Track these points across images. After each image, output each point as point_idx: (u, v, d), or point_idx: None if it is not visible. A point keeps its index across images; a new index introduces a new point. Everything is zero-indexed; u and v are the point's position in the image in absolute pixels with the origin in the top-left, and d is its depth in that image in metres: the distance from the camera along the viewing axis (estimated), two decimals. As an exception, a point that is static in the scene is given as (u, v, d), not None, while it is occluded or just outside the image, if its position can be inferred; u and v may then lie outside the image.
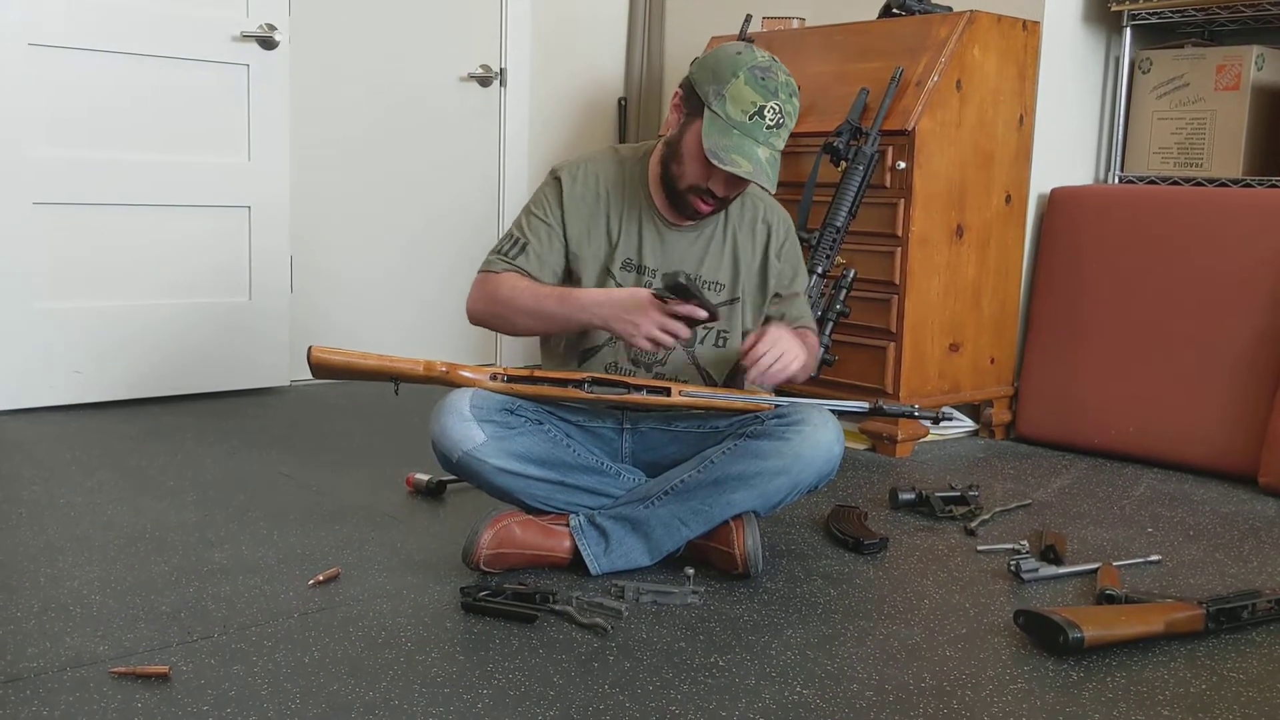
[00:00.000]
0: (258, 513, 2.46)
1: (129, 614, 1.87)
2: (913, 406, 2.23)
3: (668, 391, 2.12)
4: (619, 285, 2.21)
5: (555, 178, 2.25)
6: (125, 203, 3.46)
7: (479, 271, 2.24)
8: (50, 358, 3.36)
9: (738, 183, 2.13)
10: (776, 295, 2.32)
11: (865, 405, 2.21)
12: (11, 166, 3.24)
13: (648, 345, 2.07)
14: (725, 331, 2.27)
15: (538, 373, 2.19)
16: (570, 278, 2.24)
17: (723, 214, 2.25)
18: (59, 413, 3.34)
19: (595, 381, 2.13)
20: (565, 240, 2.22)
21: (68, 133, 3.33)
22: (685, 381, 2.21)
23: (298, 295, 3.85)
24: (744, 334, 2.27)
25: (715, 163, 2.05)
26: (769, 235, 2.30)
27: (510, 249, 2.22)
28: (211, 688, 1.61)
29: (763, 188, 2.12)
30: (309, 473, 2.81)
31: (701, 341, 2.25)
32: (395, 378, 2.15)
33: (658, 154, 2.22)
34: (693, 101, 2.13)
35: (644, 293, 2.08)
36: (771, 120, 2.07)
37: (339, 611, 1.91)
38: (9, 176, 3.24)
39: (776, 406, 2.17)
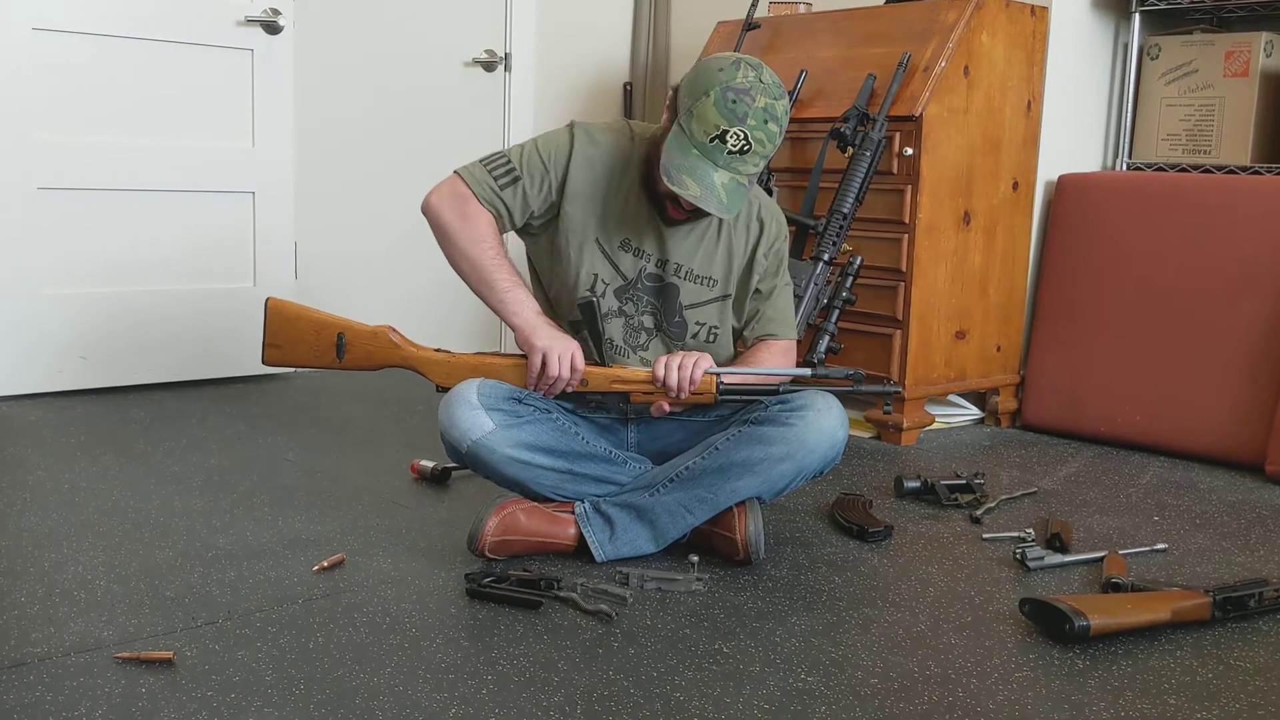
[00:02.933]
0: (262, 498, 2.46)
1: (133, 599, 1.87)
2: (895, 384, 2.16)
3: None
4: (612, 262, 2.20)
5: (572, 133, 2.21)
6: (129, 188, 3.45)
7: (458, 172, 2.21)
8: (55, 343, 3.36)
9: None
10: (757, 291, 2.28)
11: (848, 371, 2.17)
12: (16, 151, 3.24)
13: (544, 372, 2.11)
14: (716, 327, 2.25)
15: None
16: (551, 230, 2.21)
17: None
18: (64, 398, 3.34)
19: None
20: (561, 195, 2.18)
21: (72, 118, 3.32)
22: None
23: (302, 281, 3.85)
24: (732, 330, 2.28)
25: (665, 179, 2.01)
26: (761, 232, 2.26)
27: (501, 174, 2.19)
28: (216, 673, 1.61)
29: (712, 214, 2.04)
30: (314, 458, 2.81)
31: (694, 336, 2.24)
32: (342, 332, 2.22)
33: (648, 151, 2.18)
34: (674, 110, 2.09)
35: (576, 344, 2.14)
36: (734, 146, 2.00)
37: (343, 597, 1.91)
38: (13, 161, 3.24)
39: (781, 389, 2.15)
